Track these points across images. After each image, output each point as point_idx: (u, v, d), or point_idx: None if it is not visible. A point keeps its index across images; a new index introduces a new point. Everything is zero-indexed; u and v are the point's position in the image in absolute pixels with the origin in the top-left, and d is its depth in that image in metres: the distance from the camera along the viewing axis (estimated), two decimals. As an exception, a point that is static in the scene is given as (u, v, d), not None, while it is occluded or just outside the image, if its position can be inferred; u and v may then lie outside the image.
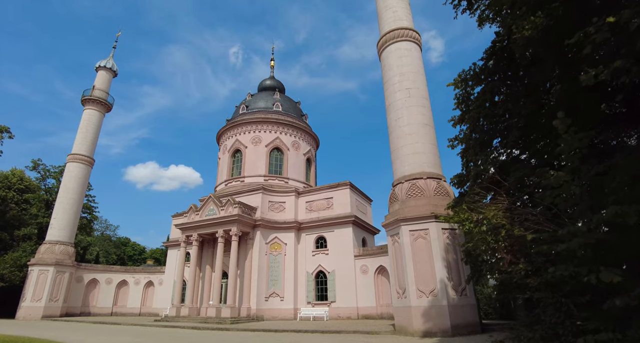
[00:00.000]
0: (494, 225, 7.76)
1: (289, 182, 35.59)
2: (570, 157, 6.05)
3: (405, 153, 18.86)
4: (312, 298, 28.88)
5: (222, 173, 37.84)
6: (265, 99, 39.98)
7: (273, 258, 29.89)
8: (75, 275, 36.46)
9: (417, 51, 21.65)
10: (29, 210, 43.26)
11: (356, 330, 17.88)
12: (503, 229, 7.59)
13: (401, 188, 18.15)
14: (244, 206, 29.69)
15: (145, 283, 39.00)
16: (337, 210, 30.47)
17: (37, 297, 33.08)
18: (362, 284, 27.45)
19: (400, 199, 17.93)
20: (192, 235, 30.49)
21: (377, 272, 27.26)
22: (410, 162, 18.51)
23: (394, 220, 17.58)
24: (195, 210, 31.44)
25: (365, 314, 26.71)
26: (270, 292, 28.74)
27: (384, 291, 26.79)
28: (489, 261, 9.87)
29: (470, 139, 12.91)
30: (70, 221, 37.45)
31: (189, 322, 25.56)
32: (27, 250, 36.81)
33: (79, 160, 39.73)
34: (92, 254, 52.61)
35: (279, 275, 29.41)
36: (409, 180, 18.05)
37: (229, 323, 23.36)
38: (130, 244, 79.37)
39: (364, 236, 31.57)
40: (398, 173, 18.93)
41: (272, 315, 27.93)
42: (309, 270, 29.67)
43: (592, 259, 6.03)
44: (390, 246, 18.28)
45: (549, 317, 7.34)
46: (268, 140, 36.48)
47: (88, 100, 42.56)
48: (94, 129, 42.25)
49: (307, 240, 30.82)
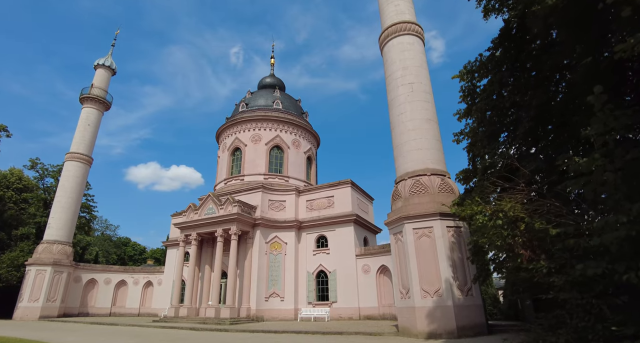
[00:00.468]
0: (510, 218, 7.14)
1: (290, 180, 35.07)
2: (602, 139, 5.37)
3: (409, 149, 18.33)
4: (313, 298, 28.37)
5: (222, 172, 37.35)
6: (266, 97, 39.47)
7: (273, 258, 29.38)
8: (74, 275, 36.01)
9: (419, 45, 21.12)
10: (27, 209, 42.78)
11: (358, 331, 17.38)
12: (522, 222, 6.97)
13: (404, 185, 17.62)
14: (243, 205, 29.20)
15: (144, 284, 38.53)
16: (338, 209, 29.94)
17: (35, 297, 32.63)
18: (364, 284, 26.93)
19: (403, 196, 17.40)
20: (191, 234, 30.00)
21: (379, 271, 26.73)
22: (414, 159, 17.98)
23: (397, 218, 17.04)
24: (194, 209, 30.96)
25: (367, 315, 26.19)
26: (271, 292, 28.24)
27: (386, 291, 26.27)
28: (502, 258, 9.27)
29: (477, 132, 12.41)
30: (69, 220, 37.01)
31: (187, 322, 25.09)
32: (25, 250, 36.33)
33: (77, 159, 39.27)
34: (91, 254, 52.16)
35: (279, 275, 28.91)
36: (412, 176, 17.51)
37: (228, 324, 22.87)
38: (131, 244, 78.92)
39: (365, 235, 31.04)
40: (401, 170, 18.41)
41: (272, 315, 27.43)
42: (310, 270, 29.16)
43: (630, 255, 5.35)
44: (393, 245, 17.75)
45: (577, 320, 6.62)
46: (268, 138, 35.96)
47: (86, 98, 42.11)
48: (93, 128, 41.79)
49: (307, 239, 30.30)
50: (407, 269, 16.11)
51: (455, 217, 15.90)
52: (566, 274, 6.30)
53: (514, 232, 7.25)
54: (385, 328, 17.92)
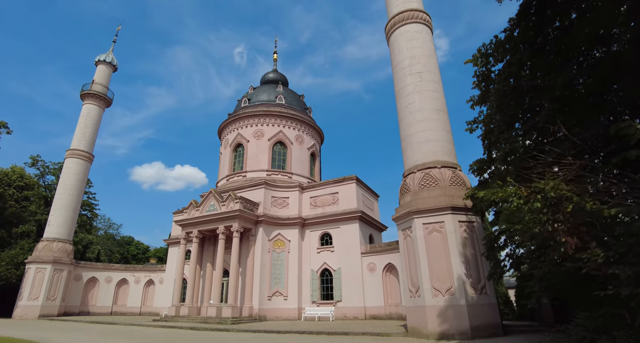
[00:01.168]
0: (551, 199, 6.18)
1: (293, 177, 34.28)
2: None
3: (418, 141, 17.48)
4: (317, 297, 27.58)
5: (224, 168, 36.62)
6: (268, 92, 38.68)
7: (276, 256, 28.63)
8: (74, 273, 35.45)
9: (427, 33, 20.26)
10: (28, 207, 42.33)
11: (365, 331, 16.57)
12: (569, 203, 6.04)
13: (413, 178, 16.77)
14: (245, 201, 28.46)
15: (145, 282, 37.89)
16: (343, 206, 29.12)
17: (34, 296, 32.08)
18: (370, 283, 26.11)
19: (412, 190, 16.56)
20: (192, 231, 29.31)
21: (385, 270, 25.89)
22: (423, 151, 17.13)
23: (405, 213, 16.18)
24: (195, 206, 30.27)
25: (372, 314, 25.37)
26: (273, 290, 27.48)
27: (392, 290, 25.44)
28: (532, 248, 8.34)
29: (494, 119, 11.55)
30: (69, 218, 36.45)
31: (188, 322, 24.39)
32: (25, 248, 35.86)
33: (77, 155, 38.74)
34: (93, 252, 51.65)
35: (282, 273, 28.15)
36: (421, 169, 16.65)
37: (229, 324, 22.15)
38: (134, 243, 78.50)
39: (370, 233, 30.20)
40: (409, 162, 17.56)
41: (275, 315, 26.68)
42: (314, 268, 28.37)
43: None
44: (401, 241, 16.90)
45: None
46: (271, 134, 35.17)
47: (87, 94, 41.62)
48: (93, 124, 41.25)
49: (311, 236, 29.51)
50: (416, 266, 15.27)
51: (467, 211, 15.07)
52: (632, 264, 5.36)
53: (555, 216, 6.34)
54: (393, 329, 17.11)
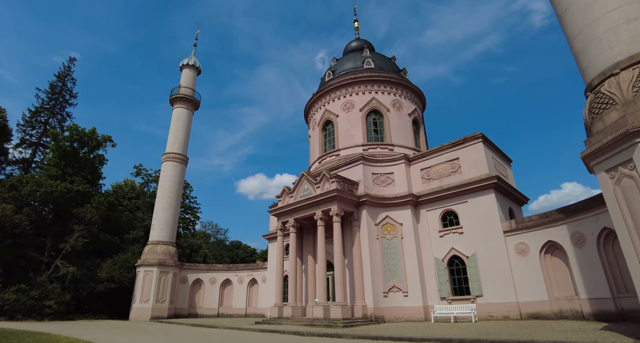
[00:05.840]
0: None
1: (394, 148, 28.56)
2: None
3: (607, 26, 10.59)
4: (447, 292, 21.37)
5: (314, 151, 32.61)
6: (354, 59, 33.68)
7: (387, 243, 23.23)
8: (180, 275, 34.99)
9: None
10: (137, 214, 44.35)
11: (555, 340, 10.15)
12: None
13: (617, 82, 9.93)
14: (342, 180, 23.74)
15: (248, 282, 35.82)
16: (467, 174, 22.47)
17: (145, 298, 31.99)
18: (521, 270, 19.07)
19: (622, 100, 9.73)
20: (288, 221, 25.58)
21: (544, 251, 18.60)
22: (624, 38, 10.20)
23: (617, 137, 9.43)
24: (288, 192, 26.60)
25: (532, 312, 18.31)
26: (390, 285, 22.11)
27: (559, 278, 18.03)
28: None
29: None
30: (170, 220, 36.31)
31: (292, 324, 20.42)
32: (135, 252, 36.94)
33: (172, 158, 38.84)
34: (201, 256, 52.65)
35: (397, 264, 22.64)
36: (631, 65, 9.77)
37: (340, 327, 17.46)
38: (242, 247, 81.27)
39: (510, 206, 22.85)
40: (599, 63, 10.71)
41: (395, 315, 21.29)
42: (438, 256, 22.24)
43: None
44: (609, 191, 10.06)
45: None
46: (362, 103, 30.00)
47: (176, 98, 41.96)
48: (184, 127, 41.28)
49: (429, 217, 23.43)
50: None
51: None
52: None
53: None
54: (596, 335, 10.32)
